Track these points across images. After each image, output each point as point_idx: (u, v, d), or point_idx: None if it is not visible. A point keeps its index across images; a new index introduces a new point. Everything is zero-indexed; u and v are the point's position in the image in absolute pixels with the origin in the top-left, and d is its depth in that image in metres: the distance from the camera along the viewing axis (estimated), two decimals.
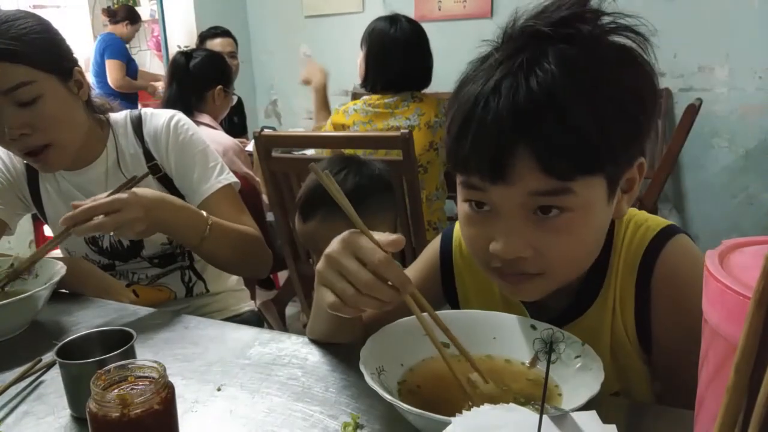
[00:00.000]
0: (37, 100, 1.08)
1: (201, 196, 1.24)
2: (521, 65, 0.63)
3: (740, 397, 0.36)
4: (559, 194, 0.64)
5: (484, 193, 0.67)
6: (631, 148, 0.68)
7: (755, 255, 0.46)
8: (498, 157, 0.64)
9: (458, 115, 0.67)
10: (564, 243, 0.67)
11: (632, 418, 0.68)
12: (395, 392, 0.67)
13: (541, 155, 0.62)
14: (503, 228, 0.67)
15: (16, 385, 0.79)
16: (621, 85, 0.64)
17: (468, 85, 0.67)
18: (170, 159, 1.25)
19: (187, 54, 2.37)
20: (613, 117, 0.63)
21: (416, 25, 2.10)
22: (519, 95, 0.62)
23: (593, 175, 0.65)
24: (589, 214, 0.67)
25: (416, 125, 2.00)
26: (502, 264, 0.69)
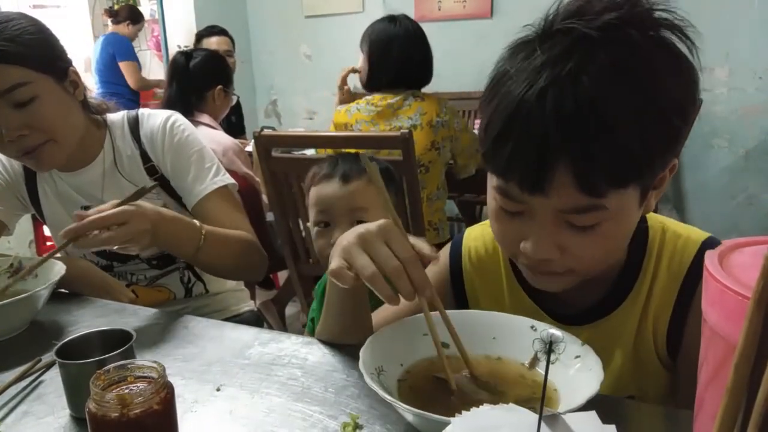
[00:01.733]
0: (34, 101, 1.08)
1: (196, 197, 1.24)
2: (569, 73, 0.61)
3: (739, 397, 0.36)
4: (592, 210, 0.65)
5: (518, 199, 0.68)
6: (669, 157, 0.68)
7: (755, 255, 0.46)
8: (539, 171, 0.63)
9: (499, 116, 0.65)
10: (593, 248, 0.69)
11: (632, 418, 0.68)
12: (395, 392, 0.67)
13: (579, 173, 0.62)
14: (534, 231, 0.68)
15: (16, 385, 0.79)
16: (668, 96, 0.63)
17: (509, 83, 0.65)
18: (166, 160, 1.25)
19: (187, 54, 2.37)
20: (657, 129, 0.63)
21: (416, 24, 2.13)
22: (565, 107, 0.61)
23: (627, 187, 0.65)
24: (620, 221, 0.68)
25: (418, 125, 2.01)
26: (530, 262, 0.72)
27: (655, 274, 0.78)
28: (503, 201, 0.70)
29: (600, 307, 0.80)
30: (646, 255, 0.79)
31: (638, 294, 0.79)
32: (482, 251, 0.90)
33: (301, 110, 4.57)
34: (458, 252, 0.92)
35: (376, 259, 0.66)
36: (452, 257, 0.92)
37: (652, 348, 0.79)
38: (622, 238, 0.72)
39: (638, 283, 0.79)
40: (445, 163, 2.11)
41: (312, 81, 4.42)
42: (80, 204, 1.25)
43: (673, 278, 0.77)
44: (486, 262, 0.90)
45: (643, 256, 0.79)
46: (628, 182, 0.65)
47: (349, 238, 0.69)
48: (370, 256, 0.67)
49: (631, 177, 0.64)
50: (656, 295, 0.78)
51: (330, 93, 4.35)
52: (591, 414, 0.49)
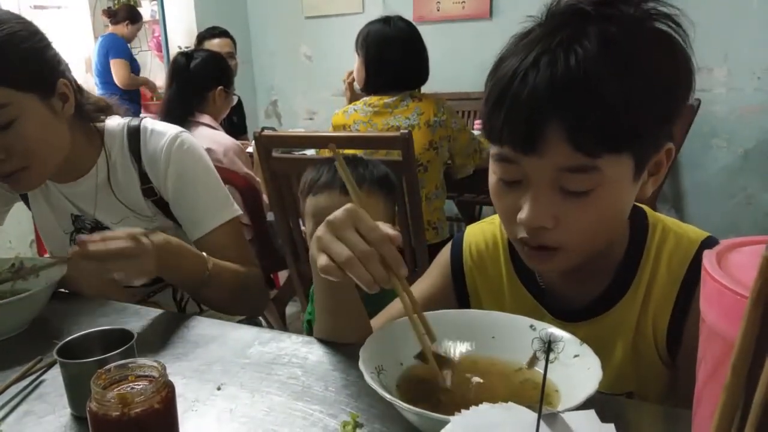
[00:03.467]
0: (13, 123, 1.00)
1: (201, 231, 1.17)
2: (561, 42, 0.65)
3: (737, 396, 0.36)
4: (586, 171, 0.66)
5: (516, 165, 0.70)
6: (660, 132, 0.70)
7: (753, 254, 0.46)
8: (530, 130, 0.66)
9: (496, 87, 0.69)
10: (586, 218, 0.69)
11: (631, 418, 0.68)
12: (394, 391, 0.67)
13: (571, 131, 0.64)
14: (530, 198, 0.69)
15: (17, 384, 0.79)
16: (656, 70, 0.66)
17: (508, 59, 0.69)
18: (168, 185, 1.17)
19: (188, 55, 2.37)
20: (645, 99, 0.65)
21: (410, 24, 2.14)
22: (556, 71, 0.64)
23: (620, 153, 0.66)
24: (614, 192, 0.69)
25: (416, 124, 2.01)
26: (527, 233, 0.71)
27: (654, 272, 0.79)
28: (501, 169, 0.72)
29: (598, 303, 0.81)
30: (644, 251, 0.79)
31: (636, 291, 0.79)
32: (483, 247, 0.91)
33: (301, 111, 4.57)
34: (459, 249, 0.93)
35: (347, 244, 0.67)
36: (453, 254, 0.93)
37: (652, 345, 0.79)
38: (616, 212, 0.72)
39: (636, 280, 0.79)
40: (443, 162, 2.11)
41: (312, 81, 4.43)
42: (70, 212, 1.21)
43: (672, 277, 0.78)
44: (486, 259, 0.90)
45: (642, 253, 0.79)
46: (620, 148, 0.66)
47: (322, 228, 0.69)
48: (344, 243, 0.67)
49: (621, 142, 0.66)
50: (656, 293, 0.78)
51: (330, 93, 4.36)
52: (590, 413, 0.49)
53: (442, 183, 2.14)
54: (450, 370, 0.70)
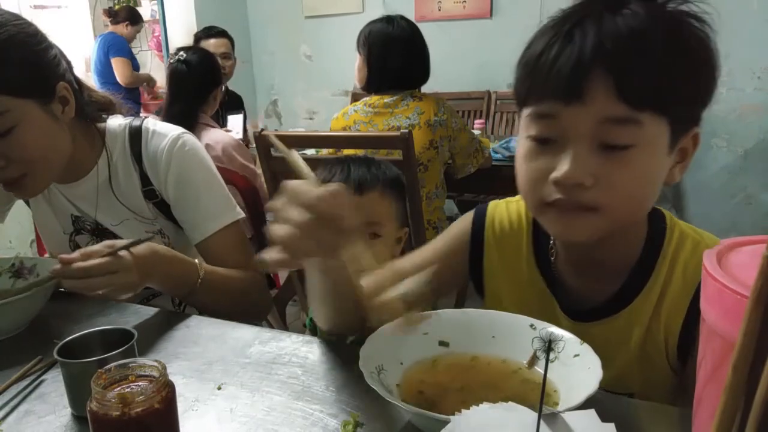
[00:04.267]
0: (12, 130, 0.98)
1: (202, 234, 1.15)
2: (605, 8, 0.67)
3: (738, 396, 0.36)
4: (628, 123, 0.66)
5: (555, 121, 0.69)
6: (694, 107, 0.71)
7: (753, 254, 0.46)
8: (576, 76, 0.66)
9: (533, 51, 0.70)
10: (624, 177, 0.68)
11: (631, 417, 0.68)
12: (394, 391, 0.67)
13: (618, 79, 0.64)
14: (569, 154, 0.68)
15: (17, 384, 0.79)
16: (696, 45, 0.68)
17: (541, 37, 0.70)
18: (169, 187, 1.15)
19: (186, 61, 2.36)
20: (688, 66, 0.67)
21: (412, 23, 2.13)
22: (603, 26, 0.66)
23: (660, 114, 0.67)
24: (651, 154, 0.69)
25: (416, 124, 2.01)
26: (561, 193, 0.69)
27: (669, 276, 0.78)
28: (537, 128, 0.71)
29: (610, 304, 0.80)
30: (661, 254, 0.79)
31: (649, 293, 0.79)
32: (506, 225, 0.89)
33: (301, 110, 4.57)
34: (482, 221, 0.90)
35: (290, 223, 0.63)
36: (476, 225, 0.91)
37: (662, 349, 0.79)
38: (651, 178, 0.71)
39: (650, 283, 0.79)
40: (443, 162, 2.11)
41: (312, 81, 4.43)
42: (70, 212, 1.20)
43: (687, 284, 0.77)
44: (509, 238, 0.88)
45: (658, 255, 0.79)
46: (662, 106, 0.67)
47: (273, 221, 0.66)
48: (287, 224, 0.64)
49: (664, 100, 0.67)
50: (669, 298, 0.78)
51: (330, 93, 4.36)
52: (590, 412, 0.49)
53: (442, 182, 2.14)
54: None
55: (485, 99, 3.68)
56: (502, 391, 0.68)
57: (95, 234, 1.21)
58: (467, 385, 0.69)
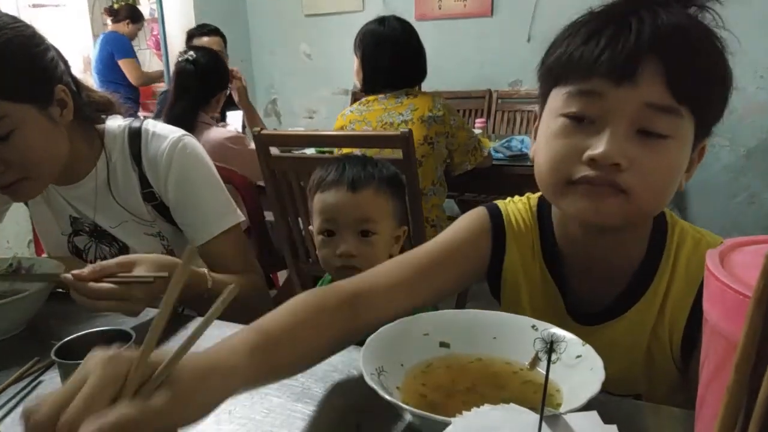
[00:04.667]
0: (11, 135, 0.98)
1: (202, 238, 1.15)
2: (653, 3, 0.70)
3: (740, 396, 0.35)
4: (671, 113, 0.68)
5: (600, 100, 0.70)
6: (717, 112, 0.74)
7: (756, 254, 0.46)
8: (631, 59, 0.67)
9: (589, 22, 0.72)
10: (658, 165, 0.70)
11: (633, 418, 0.67)
12: (395, 392, 0.67)
13: (670, 68, 0.67)
14: (609, 134, 0.69)
15: (15, 385, 0.79)
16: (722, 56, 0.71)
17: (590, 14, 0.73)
18: (168, 189, 1.15)
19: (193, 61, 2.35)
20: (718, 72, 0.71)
21: (405, 23, 2.14)
22: (659, 17, 0.68)
23: (694, 112, 0.70)
24: (683, 148, 0.71)
25: (409, 120, 2.02)
26: (593, 169, 0.70)
27: (672, 275, 0.79)
28: (580, 105, 0.71)
29: (615, 305, 0.80)
30: (663, 254, 0.79)
31: (654, 294, 0.79)
32: (521, 222, 0.88)
33: (301, 109, 4.57)
34: (497, 212, 0.88)
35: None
36: (494, 219, 0.88)
37: (667, 349, 0.79)
38: (678, 171, 0.73)
39: (654, 283, 0.79)
40: (441, 159, 2.11)
41: (312, 80, 4.43)
42: (69, 214, 1.19)
43: (690, 282, 0.77)
44: (525, 236, 0.87)
45: (662, 254, 0.79)
46: (698, 105, 0.70)
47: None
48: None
49: (701, 98, 0.70)
50: (673, 297, 0.78)
51: (330, 92, 4.36)
52: (592, 414, 0.49)
53: (440, 180, 2.14)
54: None
55: (486, 98, 3.68)
56: (503, 393, 0.67)
57: (93, 235, 1.20)
58: (468, 387, 0.69)
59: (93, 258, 1.22)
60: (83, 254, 1.23)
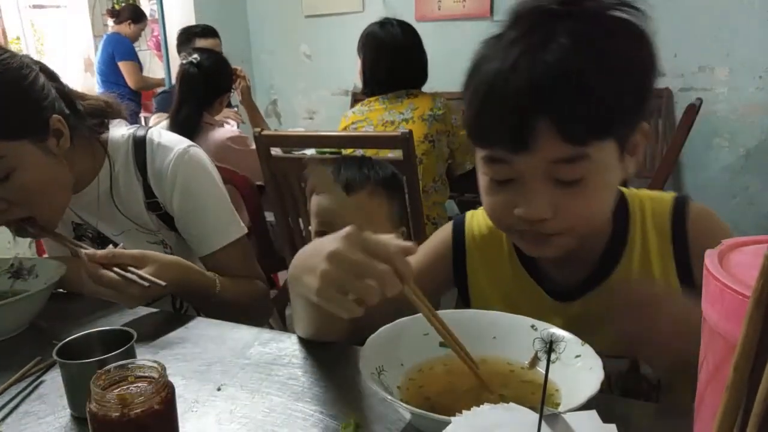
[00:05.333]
0: (11, 175, 0.96)
1: (207, 248, 1.16)
2: (536, 42, 0.68)
3: (739, 396, 0.36)
4: (578, 160, 0.69)
5: (507, 164, 0.72)
6: (638, 111, 0.74)
7: (755, 254, 0.46)
8: (520, 128, 0.68)
9: (478, 91, 0.72)
10: (582, 205, 0.72)
11: (632, 418, 0.68)
12: (395, 392, 0.67)
13: (560, 124, 0.67)
14: (527, 194, 0.72)
15: (17, 385, 0.79)
16: (626, 54, 0.70)
17: (486, 64, 0.72)
18: (174, 202, 1.15)
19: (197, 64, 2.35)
20: (622, 83, 0.69)
21: (407, 26, 2.14)
22: (537, 70, 0.67)
23: (605, 139, 0.70)
24: (604, 175, 0.72)
25: (410, 118, 2.03)
26: (526, 226, 0.74)
27: (644, 234, 0.82)
28: (493, 170, 0.74)
29: (592, 278, 0.83)
30: (630, 222, 0.83)
31: (630, 259, 0.82)
32: (485, 230, 0.92)
33: (301, 110, 4.56)
34: (461, 229, 0.94)
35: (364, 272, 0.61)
36: (455, 233, 0.94)
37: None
38: (607, 194, 0.75)
39: (627, 250, 0.82)
40: (441, 157, 2.11)
41: (312, 81, 4.42)
42: (71, 220, 1.19)
43: (662, 234, 0.82)
44: (489, 241, 0.91)
45: (628, 223, 0.83)
46: (605, 133, 0.70)
47: (328, 264, 0.62)
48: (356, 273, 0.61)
49: (606, 127, 0.69)
50: (654, 253, 0.82)
51: (330, 93, 4.36)
52: (591, 413, 0.49)
53: (441, 178, 2.14)
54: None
55: None
56: (503, 392, 0.67)
57: (96, 242, 1.21)
58: (468, 386, 0.69)
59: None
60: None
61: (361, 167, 1.15)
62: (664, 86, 3.27)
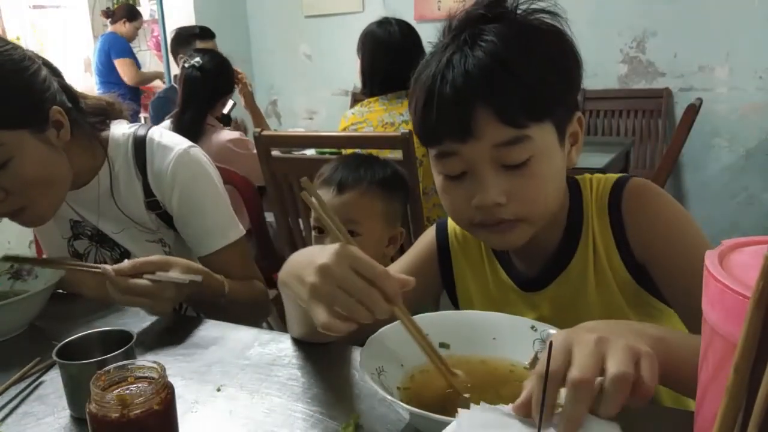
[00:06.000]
0: (8, 163, 0.96)
1: (207, 249, 1.17)
2: (465, 41, 0.75)
3: (740, 397, 0.36)
4: (519, 142, 0.73)
5: (457, 157, 0.76)
6: (569, 99, 0.79)
7: (755, 255, 0.46)
8: (462, 118, 0.73)
9: (420, 94, 0.77)
10: (532, 186, 0.76)
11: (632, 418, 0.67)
12: (395, 392, 0.67)
13: (497, 108, 0.72)
14: (479, 183, 0.75)
15: (16, 386, 0.79)
16: (549, 47, 0.76)
17: (425, 70, 0.78)
18: (173, 203, 1.15)
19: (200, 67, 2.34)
20: (549, 69, 0.74)
21: (406, 25, 2.13)
22: (469, 63, 0.73)
23: (542, 121, 0.75)
24: (548, 157, 0.76)
25: (409, 120, 2.01)
26: (483, 215, 0.77)
27: (591, 217, 0.85)
28: (444, 166, 0.78)
29: (554, 265, 0.86)
30: (583, 205, 0.86)
31: (586, 241, 0.85)
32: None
33: (301, 110, 4.57)
34: (444, 231, 0.97)
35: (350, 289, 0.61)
36: (439, 236, 0.97)
37: (613, 284, 0.84)
38: (554, 175, 0.78)
39: (584, 231, 0.85)
40: None
41: (312, 81, 4.42)
42: (69, 217, 1.19)
43: (600, 213, 0.84)
44: (471, 242, 0.94)
45: (582, 213, 0.86)
46: (541, 115, 0.74)
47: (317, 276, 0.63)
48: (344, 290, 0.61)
49: (541, 109, 0.74)
50: (597, 235, 0.84)
51: (330, 93, 4.36)
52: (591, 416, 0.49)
53: None
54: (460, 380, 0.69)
55: None
56: (502, 392, 0.67)
57: (95, 240, 1.20)
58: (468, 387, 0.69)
59: (93, 259, 1.22)
60: (83, 258, 1.22)
61: (359, 167, 1.16)
62: (664, 86, 3.28)
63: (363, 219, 1.12)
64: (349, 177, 1.13)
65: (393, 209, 1.19)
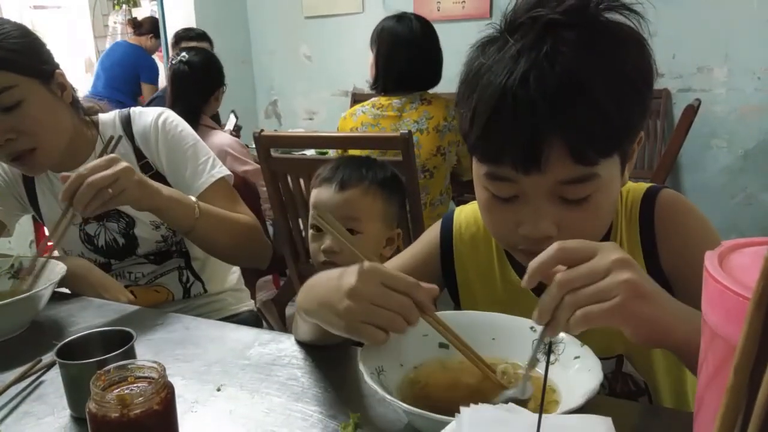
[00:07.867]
0: (20, 104, 1.09)
1: (196, 191, 1.24)
2: (545, 55, 0.65)
3: (740, 398, 0.36)
4: (586, 181, 0.68)
5: (514, 183, 0.70)
6: (641, 124, 0.73)
7: (754, 256, 0.46)
8: (532, 148, 0.66)
9: (484, 107, 0.68)
10: (588, 220, 0.71)
11: (632, 419, 0.68)
12: (395, 392, 0.67)
13: (573, 144, 0.65)
14: (532, 213, 0.70)
15: (16, 385, 0.79)
16: (630, 63, 0.68)
17: (487, 75, 0.69)
18: (161, 156, 1.26)
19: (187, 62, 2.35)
20: (628, 95, 0.67)
21: (425, 22, 2.07)
22: (548, 86, 0.64)
23: (612, 156, 0.69)
24: (608, 191, 0.71)
25: (425, 129, 1.97)
26: (529, 245, 0.72)
27: (621, 227, 0.82)
28: (496, 187, 0.72)
29: None
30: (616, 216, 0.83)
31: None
32: (474, 228, 0.91)
33: (301, 111, 4.57)
34: (449, 228, 0.93)
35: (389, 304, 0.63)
36: (444, 232, 0.93)
37: None
38: (610, 208, 0.75)
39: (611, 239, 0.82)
40: (450, 167, 2.08)
41: (312, 81, 4.42)
42: None
43: (631, 225, 0.81)
44: (478, 239, 0.91)
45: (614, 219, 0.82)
46: (614, 150, 0.69)
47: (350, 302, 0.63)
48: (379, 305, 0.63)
49: (615, 144, 0.69)
50: (625, 245, 0.81)
51: (330, 93, 4.36)
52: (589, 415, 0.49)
53: (447, 188, 2.11)
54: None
55: None
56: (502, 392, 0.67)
57: (100, 218, 1.27)
58: (467, 387, 0.69)
59: (104, 241, 1.29)
60: (94, 240, 1.29)
61: (360, 167, 1.16)
62: (663, 87, 3.27)
63: (363, 217, 1.13)
64: (352, 176, 1.14)
65: (391, 210, 1.20)
